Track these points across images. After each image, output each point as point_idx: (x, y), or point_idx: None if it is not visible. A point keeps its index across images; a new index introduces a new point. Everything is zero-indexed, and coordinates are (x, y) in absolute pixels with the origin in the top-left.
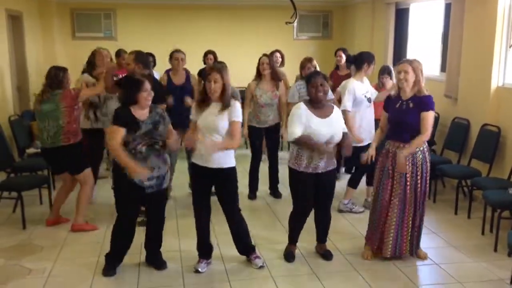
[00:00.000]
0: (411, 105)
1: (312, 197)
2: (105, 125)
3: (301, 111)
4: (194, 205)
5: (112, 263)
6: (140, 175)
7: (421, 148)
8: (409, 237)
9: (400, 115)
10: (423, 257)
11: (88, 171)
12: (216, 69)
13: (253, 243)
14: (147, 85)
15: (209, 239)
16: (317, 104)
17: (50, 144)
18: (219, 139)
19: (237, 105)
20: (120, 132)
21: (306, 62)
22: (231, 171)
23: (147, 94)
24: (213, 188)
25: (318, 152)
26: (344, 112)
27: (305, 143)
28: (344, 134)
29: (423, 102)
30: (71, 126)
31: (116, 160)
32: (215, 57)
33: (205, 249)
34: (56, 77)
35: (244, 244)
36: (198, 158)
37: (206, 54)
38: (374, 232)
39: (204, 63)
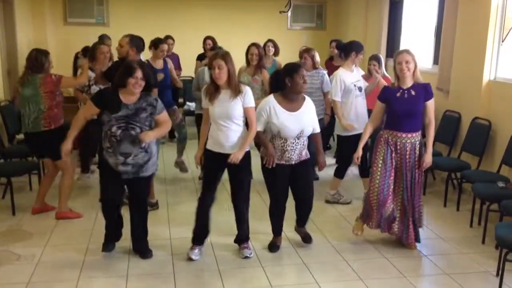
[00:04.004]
0: (413, 93)
1: (285, 188)
2: None
3: (267, 104)
4: (203, 188)
5: (106, 241)
6: (64, 146)
7: (420, 140)
8: (410, 224)
9: (410, 104)
10: (412, 247)
11: (69, 158)
12: (219, 55)
13: (249, 234)
14: (139, 74)
15: (209, 224)
16: (288, 96)
17: (31, 129)
18: (236, 126)
19: (249, 91)
20: (91, 108)
21: (303, 52)
22: (246, 155)
23: (135, 81)
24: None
25: (267, 151)
26: (333, 102)
27: (260, 140)
28: (316, 136)
29: (427, 91)
30: (52, 111)
31: (102, 143)
32: (214, 42)
33: (202, 234)
34: (36, 60)
35: (241, 234)
36: (213, 145)
37: (205, 40)
38: (371, 211)
39: (204, 49)
